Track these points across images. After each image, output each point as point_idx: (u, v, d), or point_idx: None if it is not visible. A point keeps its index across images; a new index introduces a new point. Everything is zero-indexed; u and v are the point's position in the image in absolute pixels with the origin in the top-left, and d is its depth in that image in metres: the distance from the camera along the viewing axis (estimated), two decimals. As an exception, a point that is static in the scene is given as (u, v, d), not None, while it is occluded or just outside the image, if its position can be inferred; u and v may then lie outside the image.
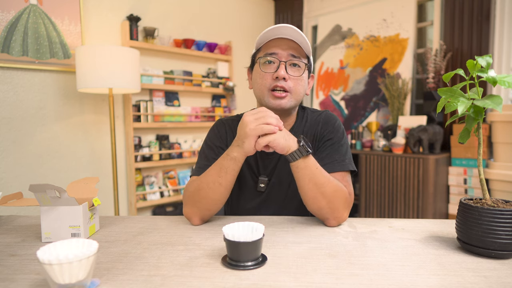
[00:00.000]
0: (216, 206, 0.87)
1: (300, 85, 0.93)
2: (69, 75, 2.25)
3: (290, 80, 0.91)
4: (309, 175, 0.82)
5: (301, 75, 0.92)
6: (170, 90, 2.78)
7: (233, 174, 0.85)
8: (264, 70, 0.93)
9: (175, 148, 2.78)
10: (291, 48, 0.91)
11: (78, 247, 0.56)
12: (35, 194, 0.73)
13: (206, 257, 0.66)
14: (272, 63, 0.92)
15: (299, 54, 0.92)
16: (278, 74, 0.89)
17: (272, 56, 0.91)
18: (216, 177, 0.84)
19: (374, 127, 2.75)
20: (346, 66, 3.14)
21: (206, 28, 3.07)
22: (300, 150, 0.80)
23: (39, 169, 2.15)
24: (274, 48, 0.91)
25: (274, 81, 0.91)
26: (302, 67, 0.92)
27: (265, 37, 0.91)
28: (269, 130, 0.78)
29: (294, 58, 0.91)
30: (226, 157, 0.84)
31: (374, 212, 2.52)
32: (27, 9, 2.05)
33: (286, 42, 0.91)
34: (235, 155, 0.83)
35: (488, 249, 0.63)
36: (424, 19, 2.81)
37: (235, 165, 0.83)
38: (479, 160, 0.69)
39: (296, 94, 0.93)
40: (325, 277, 0.58)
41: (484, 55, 0.64)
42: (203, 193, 0.85)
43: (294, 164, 0.82)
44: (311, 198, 0.84)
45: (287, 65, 0.91)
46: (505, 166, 2.14)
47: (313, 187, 0.82)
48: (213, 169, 0.86)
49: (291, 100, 0.92)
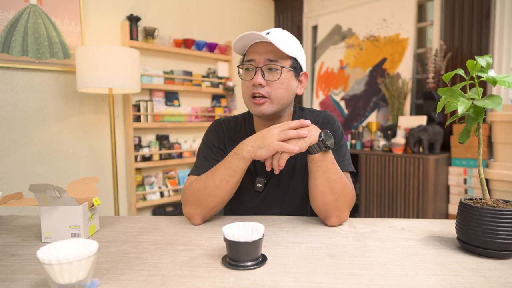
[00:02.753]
0: (220, 204, 0.88)
1: (281, 89, 0.91)
2: (69, 75, 2.25)
3: (268, 86, 0.90)
4: (323, 168, 0.82)
5: (278, 78, 0.90)
6: (170, 90, 2.78)
7: (241, 173, 0.85)
8: (243, 78, 0.94)
9: (175, 148, 2.79)
10: (268, 52, 0.89)
11: (78, 247, 0.56)
12: (35, 194, 0.73)
13: (206, 257, 0.66)
14: (250, 70, 0.92)
15: (276, 57, 0.89)
16: (254, 81, 0.89)
17: (249, 63, 0.91)
18: (224, 176, 0.85)
19: (374, 127, 2.75)
20: (346, 66, 3.14)
21: (206, 28, 3.07)
22: (319, 145, 0.81)
23: (39, 169, 2.15)
24: (251, 54, 0.91)
25: (253, 88, 0.91)
26: (280, 70, 0.90)
27: (240, 43, 0.91)
28: (287, 149, 0.79)
29: (270, 62, 0.89)
30: (235, 156, 0.84)
31: (374, 212, 2.52)
32: (27, 9, 2.05)
33: (264, 46, 0.90)
34: (245, 154, 0.83)
35: (488, 249, 0.63)
36: (424, 19, 2.81)
37: (243, 164, 0.84)
38: (479, 160, 0.69)
39: (277, 99, 0.91)
40: (325, 277, 0.58)
41: (484, 55, 0.64)
42: (209, 191, 0.86)
43: (311, 157, 0.83)
44: (319, 192, 0.84)
45: (264, 70, 0.90)
46: (505, 166, 2.14)
47: (325, 181, 0.83)
48: (221, 168, 0.86)
49: (271, 105, 0.91)
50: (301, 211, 1.02)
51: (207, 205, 0.87)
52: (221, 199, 0.87)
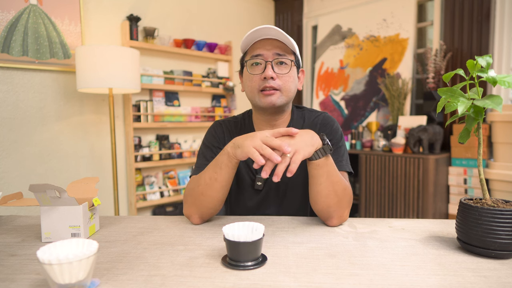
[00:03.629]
0: (213, 203, 0.87)
1: (290, 82, 0.93)
2: (69, 75, 2.25)
3: (279, 79, 0.92)
4: (327, 172, 0.81)
5: (288, 72, 0.93)
6: (170, 90, 2.78)
7: (227, 170, 0.83)
8: (252, 72, 0.94)
9: (175, 148, 2.79)
10: (276, 47, 0.92)
11: (78, 247, 0.55)
12: (35, 194, 0.73)
13: (206, 257, 0.66)
14: (259, 64, 0.93)
15: (284, 52, 0.92)
16: (266, 74, 0.90)
17: (258, 58, 0.92)
18: (212, 173, 0.85)
19: (374, 127, 2.75)
20: (346, 66, 3.14)
21: (206, 28, 3.07)
22: (325, 149, 0.79)
23: (39, 169, 2.15)
24: (258, 49, 0.92)
25: (263, 82, 0.91)
26: (289, 64, 0.93)
27: (248, 40, 0.93)
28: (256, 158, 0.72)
29: (279, 56, 0.92)
30: (222, 152, 0.84)
31: (374, 212, 2.52)
32: (27, 9, 2.05)
33: (270, 42, 0.92)
34: (228, 150, 0.82)
35: (488, 249, 0.63)
36: (424, 19, 2.81)
37: (228, 160, 0.82)
38: (479, 160, 0.69)
39: (287, 91, 0.93)
40: (325, 277, 0.58)
41: (484, 55, 0.64)
42: (200, 190, 0.86)
43: (315, 162, 0.80)
44: (323, 196, 0.83)
45: (274, 64, 0.92)
46: (505, 166, 2.14)
47: (329, 185, 0.82)
48: (210, 166, 0.86)
49: (281, 97, 0.93)
50: (301, 211, 1.02)
51: (201, 204, 0.87)
52: (212, 198, 0.86)
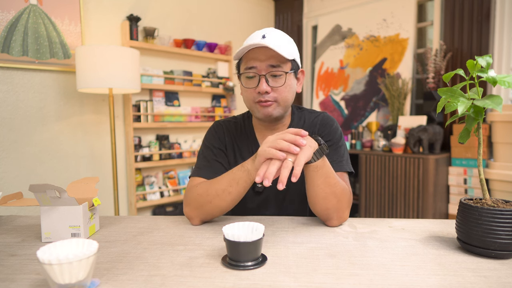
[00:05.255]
0: (220, 212, 0.87)
1: (286, 92, 0.91)
2: (69, 75, 2.25)
3: (273, 91, 0.90)
4: (324, 174, 0.80)
5: (284, 83, 0.90)
6: (170, 90, 2.78)
7: (244, 186, 0.82)
8: (246, 86, 0.92)
9: (175, 148, 2.78)
10: (270, 58, 0.88)
11: (78, 247, 0.55)
12: (35, 194, 0.73)
13: (206, 257, 0.66)
14: (253, 77, 0.90)
15: (278, 62, 0.89)
16: (260, 90, 0.88)
17: (251, 71, 0.90)
18: (227, 186, 0.83)
19: (374, 127, 2.75)
20: (346, 66, 3.14)
21: (206, 28, 3.07)
22: (321, 149, 0.77)
23: (39, 169, 2.15)
24: (252, 61, 0.89)
25: (258, 95, 0.90)
26: (284, 75, 0.90)
27: (243, 48, 0.89)
28: (275, 155, 0.71)
29: (273, 68, 0.88)
30: (241, 168, 0.82)
31: (374, 212, 2.52)
32: (27, 9, 2.04)
33: (264, 51, 0.88)
34: (248, 167, 0.81)
35: (488, 249, 0.63)
36: (424, 19, 2.81)
37: (247, 177, 0.81)
38: (479, 160, 0.69)
39: (283, 101, 0.92)
40: (325, 277, 0.58)
41: (484, 55, 0.64)
42: (209, 199, 0.85)
43: (313, 164, 0.78)
44: (322, 198, 0.82)
45: (268, 77, 0.89)
46: (505, 166, 2.14)
47: (327, 186, 0.81)
48: (225, 178, 0.85)
49: (278, 107, 0.92)
50: (300, 212, 1.02)
51: (206, 211, 0.87)
52: (220, 208, 0.86)
